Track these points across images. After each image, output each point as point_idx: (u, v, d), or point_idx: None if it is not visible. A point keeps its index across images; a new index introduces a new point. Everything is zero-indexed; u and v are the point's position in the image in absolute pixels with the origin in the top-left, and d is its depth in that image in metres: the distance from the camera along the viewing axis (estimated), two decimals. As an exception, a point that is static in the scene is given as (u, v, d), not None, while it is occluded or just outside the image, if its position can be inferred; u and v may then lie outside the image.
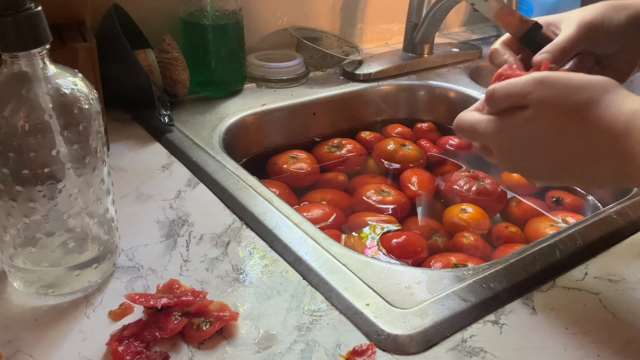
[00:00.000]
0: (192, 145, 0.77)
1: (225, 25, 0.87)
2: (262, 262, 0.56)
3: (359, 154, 0.91)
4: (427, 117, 1.03)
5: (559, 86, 0.46)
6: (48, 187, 0.46)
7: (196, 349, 0.46)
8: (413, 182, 0.83)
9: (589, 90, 0.45)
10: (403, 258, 0.69)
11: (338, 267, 0.55)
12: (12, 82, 0.44)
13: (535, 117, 0.46)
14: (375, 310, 0.50)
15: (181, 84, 0.86)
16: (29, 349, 0.46)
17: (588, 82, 0.45)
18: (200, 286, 0.53)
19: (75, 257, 0.50)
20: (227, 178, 0.69)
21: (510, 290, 0.53)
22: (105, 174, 0.50)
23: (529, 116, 0.47)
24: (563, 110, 0.45)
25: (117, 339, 0.46)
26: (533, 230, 0.75)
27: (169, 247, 0.58)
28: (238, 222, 0.62)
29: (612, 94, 0.45)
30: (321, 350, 0.46)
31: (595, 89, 0.45)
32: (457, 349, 0.47)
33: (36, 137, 0.44)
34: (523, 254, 0.57)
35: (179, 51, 0.85)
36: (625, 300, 0.53)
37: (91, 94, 0.47)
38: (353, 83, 1.00)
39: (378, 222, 0.75)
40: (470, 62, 1.12)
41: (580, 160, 0.46)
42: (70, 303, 0.50)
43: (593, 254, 0.59)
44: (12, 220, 0.48)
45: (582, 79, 0.46)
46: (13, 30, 0.42)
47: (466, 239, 0.71)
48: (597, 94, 0.45)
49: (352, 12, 1.16)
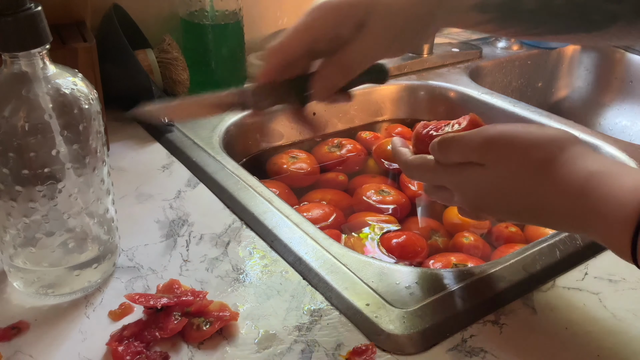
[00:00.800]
0: (192, 145, 0.77)
1: (225, 25, 0.87)
2: (262, 262, 0.56)
3: (359, 154, 0.91)
4: (427, 117, 1.03)
5: (514, 145, 0.45)
6: (48, 187, 0.46)
7: (196, 349, 0.46)
8: (413, 182, 0.83)
9: (545, 149, 0.45)
10: (403, 258, 0.69)
11: (338, 267, 0.55)
12: (12, 82, 0.44)
13: (492, 173, 0.46)
14: (375, 310, 0.50)
15: (181, 84, 0.86)
16: (29, 349, 0.46)
17: (543, 139, 0.45)
18: (200, 286, 0.53)
19: (75, 257, 0.50)
20: (227, 178, 0.69)
21: (510, 290, 0.53)
22: (105, 174, 0.50)
23: (486, 171, 0.46)
24: (520, 169, 0.45)
25: (117, 339, 0.46)
26: (533, 230, 0.75)
27: (169, 247, 0.58)
28: (238, 222, 0.62)
29: (568, 153, 0.44)
30: (321, 350, 0.46)
31: (551, 146, 0.44)
32: (457, 349, 0.47)
33: (36, 137, 0.44)
34: (523, 254, 0.57)
35: (179, 51, 0.85)
36: (625, 300, 0.53)
37: (91, 94, 0.47)
38: (353, 83, 1.00)
39: (378, 222, 0.75)
40: (470, 62, 1.12)
41: (540, 211, 0.46)
42: (70, 303, 0.50)
43: (593, 254, 0.59)
44: (12, 220, 0.48)
45: (538, 136, 0.45)
46: (13, 30, 0.42)
47: (466, 239, 0.71)
48: (554, 151, 0.44)
49: (352, 12, 1.16)
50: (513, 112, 0.91)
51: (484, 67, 1.13)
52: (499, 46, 1.21)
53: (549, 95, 1.27)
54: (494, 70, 1.15)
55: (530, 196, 0.45)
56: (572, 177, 0.43)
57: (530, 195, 0.45)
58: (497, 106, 0.94)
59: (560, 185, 0.43)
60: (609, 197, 0.41)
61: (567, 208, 0.43)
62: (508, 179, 0.46)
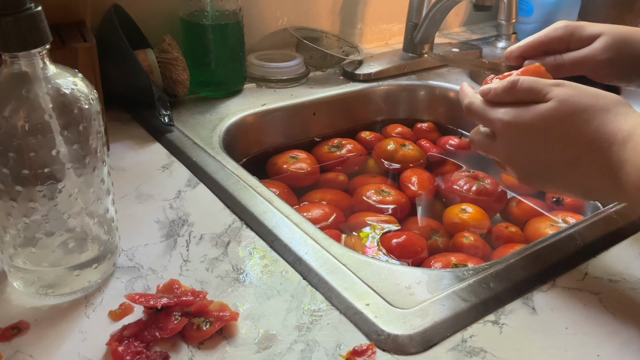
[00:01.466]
0: (192, 145, 0.77)
1: (225, 25, 0.87)
2: (262, 262, 0.56)
3: (359, 154, 0.91)
4: (427, 117, 1.03)
5: (578, 89, 0.51)
6: (48, 187, 0.46)
7: (196, 349, 0.46)
8: (413, 182, 0.83)
9: (604, 99, 0.50)
10: (403, 258, 0.69)
11: (338, 267, 0.55)
12: (12, 82, 0.44)
13: (550, 111, 0.50)
14: (375, 310, 0.50)
15: (181, 84, 0.86)
16: (29, 349, 0.46)
17: (603, 92, 0.51)
18: (200, 286, 0.53)
19: (75, 257, 0.50)
20: (227, 178, 0.69)
21: (510, 290, 0.53)
22: (105, 174, 0.50)
23: (545, 109, 0.50)
24: (577, 110, 0.49)
25: (117, 339, 0.46)
26: (533, 230, 0.75)
27: (169, 247, 0.58)
28: (238, 222, 0.62)
29: (622, 107, 0.49)
30: (321, 350, 0.46)
31: (609, 99, 0.50)
32: (457, 349, 0.47)
33: (36, 137, 0.44)
34: (523, 254, 0.57)
35: (179, 51, 0.85)
36: (625, 300, 0.53)
37: (91, 94, 0.47)
38: (353, 83, 1.00)
39: (378, 222, 0.75)
40: (470, 62, 1.12)
41: (576, 164, 0.50)
42: (70, 303, 0.50)
43: (593, 254, 0.59)
44: (12, 220, 0.48)
45: (598, 90, 0.51)
46: (13, 30, 0.42)
47: (466, 239, 0.71)
48: (610, 104, 0.49)
49: (352, 12, 1.16)
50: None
51: (484, 67, 1.13)
52: (499, 46, 1.21)
53: (549, 95, 1.26)
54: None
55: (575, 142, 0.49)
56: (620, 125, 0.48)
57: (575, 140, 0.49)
58: (497, 106, 0.94)
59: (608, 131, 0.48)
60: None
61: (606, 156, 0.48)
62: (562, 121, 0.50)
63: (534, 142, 0.51)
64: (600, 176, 0.49)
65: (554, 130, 0.50)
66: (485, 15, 1.37)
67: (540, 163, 0.52)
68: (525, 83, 0.52)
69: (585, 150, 0.49)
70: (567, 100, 0.50)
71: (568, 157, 0.50)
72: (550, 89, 0.51)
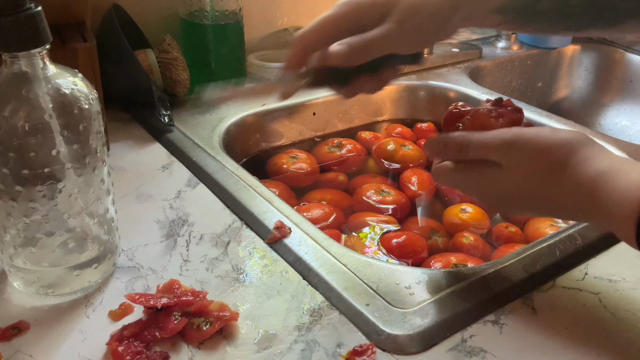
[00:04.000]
0: (192, 145, 0.77)
1: (225, 25, 0.87)
2: (262, 262, 0.56)
3: (359, 154, 0.91)
4: (427, 117, 1.03)
5: (528, 149, 0.48)
6: (48, 187, 0.46)
7: (196, 349, 0.46)
8: (413, 182, 0.83)
9: (556, 153, 0.47)
10: (403, 258, 0.69)
11: (338, 267, 0.55)
12: (12, 82, 0.44)
13: (509, 174, 0.49)
14: (375, 310, 0.50)
15: (181, 84, 0.86)
16: (29, 349, 0.46)
17: (555, 144, 0.47)
18: (200, 286, 0.53)
19: (75, 257, 0.50)
20: (227, 178, 0.69)
21: (510, 290, 0.53)
22: (105, 174, 0.50)
23: (504, 172, 0.49)
24: (533, 172, 0.48)
25: (117, 339, 0.46)
26: (533, 230, 0.75)
27: (169, 247, 0.58)
28: (238, 222, 0.62)
29: (577, 156, 0.47)
30: (321, 350, 0.46)
31: (562, 151, 0.47)
32: (457, 349, 0.47)
33: (36, 137, 0.44)
34: (523, 254, 0.57)
35: (179, 51, 0.85)
36: (625, 300, 0.53)
37: (91, 94, 0.47)
38: (353, 83, 1.00)
39: (378, 222, 0.75)
40: (470, 62, 1.12)
41: (555, 209, 0.50)
42: (70, 303, 0.50)
43: (593, 254, 0.59)
44: (12, 220, 0.48)
45: (550, 141, 0.48)
46: (13, 30, 0.42)
47: (466, 239, 0.71)
48: (565, 156, 0.47)
49: (352, 12, 1.16)
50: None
51: (484, 67, 1.13)
52: (499, 46, 1.21)
53: (549, 95, 1.27)
54: (493, 70, 1.15)
55: (546, 197, 0.48)
56: (582, 178, 0.46)
57: (546, 196, 0.48)
58: (497, 106, 0.94)
59: (571, 187, 0.46)
60: (614, 195, 0.43)
61: (580, 206, 0.47)
62: (524, 181, 0.49)
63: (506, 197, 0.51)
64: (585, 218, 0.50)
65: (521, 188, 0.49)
66: (485, 15, 1.37)
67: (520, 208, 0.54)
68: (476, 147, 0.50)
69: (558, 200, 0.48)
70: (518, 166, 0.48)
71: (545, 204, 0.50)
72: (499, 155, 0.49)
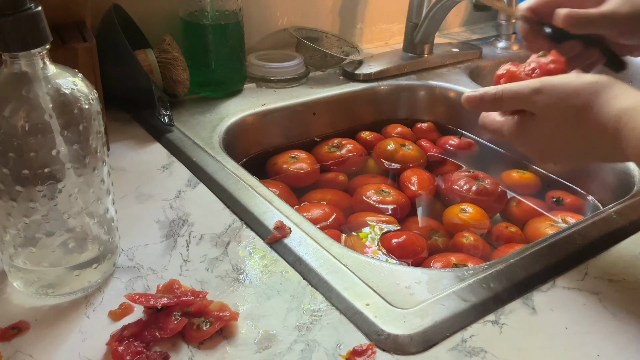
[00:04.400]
0: (192, 145, 0.77)
1: (225, 25, 0.87)
2: (262, 262, 0.56)
3: (359, 154, 0.91)
4: (427, 117, 1.03)
5: (556, 94, 0.51)
6: (48, 187, 0.46)
7: (196, 349, 0.46)
8: (413, 182, 0.83)
9: (582, 96, 0.50)
10: (403, 258, 0.69)
11: (338, 267, 0.55)
12: (12, 82, 0.44)
13: (543, 121, 0.53)
14: (375, 310, 0.50)
15: (181, 84, 0.86)
16: (29, 349, 0.46)
17: (580, 87, 0.51)
18: (200, 286, 0.53)
19: (75, 257, 0.50)
20: (227, 178, 0.69)
21: (510, 290, 0.53)
22: (105, 174, 0.50)
23: (538, 121, 0.53)
24: (565, 115, 0.51)
25: (117, 339, 0.46)
26: (533, 230, 0.75)
27: (169, 247, 0.58)
28: (238, 222, 0.62)
29: (602, 97, 0.50)
30: (321, 350, 0.46)
31: (586, 92, 0.50)
32: (457, 349, 0.47)
33: (36, 137, 0.44)
34: (523, 254, 0.57)
35: (179, 51, 0.85)
36: (625, 300, 0.53)
37: (91, 94, 0.47)
38: (353, 83, 1.00)
39: (378, 222, 0.75)
40: (470, 62, 1.12)
41: (587, 151, 0.53)
42: (70, 303, 0.50)
43: (593, 254, 0.59)
44: (12, 220, 0.48)
45: (575, 84, 0.51)
46: (13, 30, 0.42)
47: (466, 239, 0.71)
48: (589, 97, 0.50)
49: (352, 12, 1.16)
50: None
51: (484, 67, 1.13)
52: (499, 46, 1.21)
53: (549, 95, 1.26)
54: (494, 70, 1.14)
55: (579, 138, 0.52)
56: (607, 116, 0.49)
57: (578, 137, 0.52)
58: (497, 106, 0.94)
59: (599, 126, 0.49)
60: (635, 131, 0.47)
61: (608, 144, 0.50)
62: (556, 127, 0.52)
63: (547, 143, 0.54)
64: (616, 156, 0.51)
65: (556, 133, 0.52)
66: (485, 15, 1.37)
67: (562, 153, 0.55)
68: (507, 96, 0.54)
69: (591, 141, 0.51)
70: (549, 111, 0.52)
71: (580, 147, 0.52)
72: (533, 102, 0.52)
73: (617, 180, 0.78)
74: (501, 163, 0.92)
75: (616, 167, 0.78)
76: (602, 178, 0.81)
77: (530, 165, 0.90)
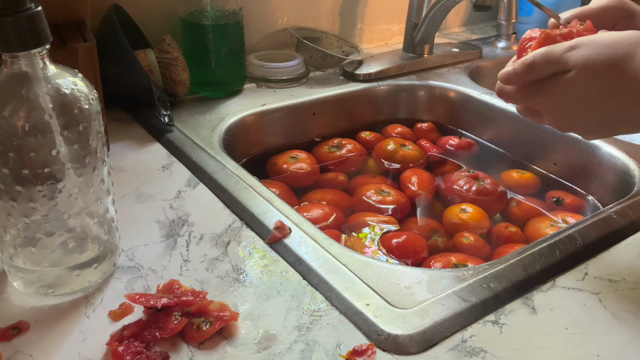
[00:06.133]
0: (192, 145, 0.77)
1: (225, 25, 0.87)
2: (262, 262, 0.56)
3: (359, 154, 0.91)
4: (427, 117, 1.03)
5: (594, 46, 0.49)
6: (48, 187, 0.46)
7: (196, 349, 0.46)
8: (413, 182, 0.83)
9: (622, 46, 0.49)
10: (403, 258, 0.69)
11: (338, 267, 0.55)
12: (12, 82, 0.44)
13: (578, 78, 0.50)
14: (375, 310, 0.50)
15: (181, 84, 0.86)
16: (29, 349, 0.46)
17: (619, 38, 0.49)
18: (200, 286, 0.53)
19: (75, 257, 0.50)
20: (227, 178, 0.69)
21: (510, 290, 0.53)
22: (105, 174, 0.50)
23: (572, 78, 0.50)
24: (602, 67, 0.49)
25: (117, 339, 0.46)
26: (533, 230, 0.75)
27: (169, 247, 0.58)
28: (238, 222, 0.62)
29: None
30: (321, 350, 0.46)
31: (626, 42, 0.49)
32: (457, 349, 0.47)
33: (36, 137, 0.44)
34: (523, 254, 0.57)
35: (179, 51, 0.85)
36: (625, 300, 0.53)
37: (91, 94, 0.47)
38: (353, 83, 1.00)
39: (378, 222, 0.75)
40: (470, 62, 1.12)
41: (624, 112, 0.50)
42: (70, 303, 0.50)
43: (593, 254, 0.59)
44: (12, 220, 0.48)
45: (614, 36, 0.50)
46: (13, 30, 0.42)
47: (466, 239, 0.71)
48: (630, 47, 0.48)
49: (352, 12, 1.16)
50: (513, 112, 0.91)
51: (484, 67, 1.13)
52: (499, 46, 1.21)
53: (549, 95, 1.26)
54: (494, 70, 1.15)
55: (615, 93, 0.49)
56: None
57: (615, 91, 0.49)
58: (497, 106, 0.94)
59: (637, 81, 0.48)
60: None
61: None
62: (593, 82, 0.50)
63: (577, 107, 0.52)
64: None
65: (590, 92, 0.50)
66: (485, 15, 1.37)
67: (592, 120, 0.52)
68: (540, 59, 0.52)
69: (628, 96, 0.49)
70: (586, 63, 0.49)
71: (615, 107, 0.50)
72: (567, 58, 0.50)
73: (617, 180, 0.78)
74: (501, 163, 0.92)
75: (616, 167, 0.78)
76: (602, 178, 0.81)
77: (530, 165, 0.90)
